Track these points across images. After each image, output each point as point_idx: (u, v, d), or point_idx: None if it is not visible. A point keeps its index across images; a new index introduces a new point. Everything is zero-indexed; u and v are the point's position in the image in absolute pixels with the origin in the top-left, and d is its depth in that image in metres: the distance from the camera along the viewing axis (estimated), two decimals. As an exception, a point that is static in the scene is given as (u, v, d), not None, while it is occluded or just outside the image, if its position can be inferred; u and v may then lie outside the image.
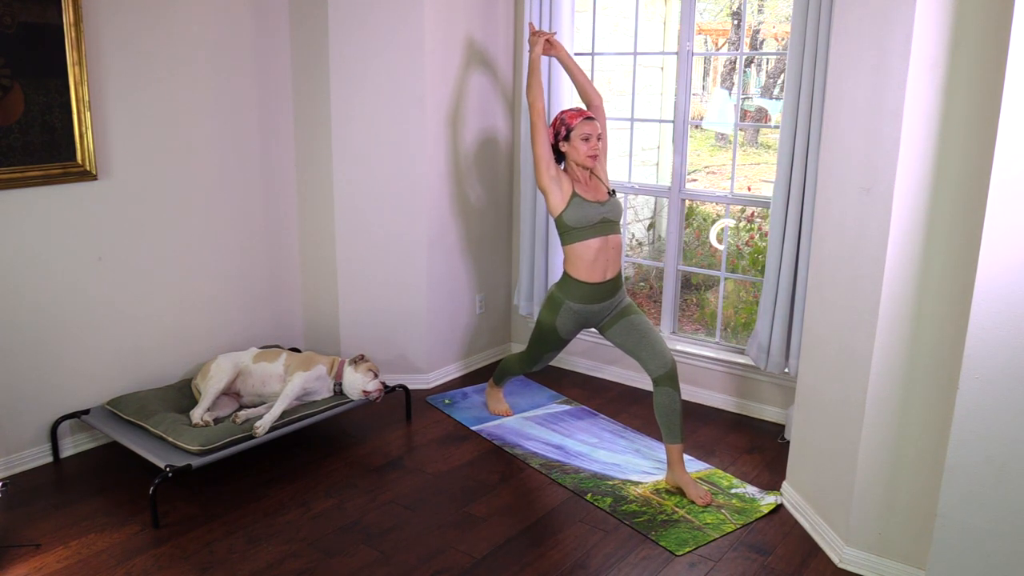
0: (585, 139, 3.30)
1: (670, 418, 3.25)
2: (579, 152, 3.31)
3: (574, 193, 3.32)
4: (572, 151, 3.34)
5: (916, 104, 2.40)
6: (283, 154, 4.13)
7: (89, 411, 3.46)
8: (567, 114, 3.36)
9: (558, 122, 3.36)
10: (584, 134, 3.30)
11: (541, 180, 3.35)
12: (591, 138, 3.31)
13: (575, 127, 3.31)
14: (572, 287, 3.37)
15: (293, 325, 4.35)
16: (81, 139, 3.30)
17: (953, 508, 2.36)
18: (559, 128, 3.35)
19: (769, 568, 2.81)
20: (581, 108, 3.40)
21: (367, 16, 3.89)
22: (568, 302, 3.38)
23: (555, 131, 3.36)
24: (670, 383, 3.26)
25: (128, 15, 3.40)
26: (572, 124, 3.31)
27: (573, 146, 3.32)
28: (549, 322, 3.46)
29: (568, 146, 3.34)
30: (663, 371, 3.27)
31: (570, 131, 3.31)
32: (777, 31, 9.07)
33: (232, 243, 3.97)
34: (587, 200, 3.31)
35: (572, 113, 3.35)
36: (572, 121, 3.32)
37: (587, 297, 3.36)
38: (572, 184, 3.34)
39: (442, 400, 4.15)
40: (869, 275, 2.61)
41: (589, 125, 3.32)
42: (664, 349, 3.33)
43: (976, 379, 2.26)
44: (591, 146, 3.31)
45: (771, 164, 8.00)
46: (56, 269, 3.34)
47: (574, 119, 3.32)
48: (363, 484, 3.33)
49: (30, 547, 2.84)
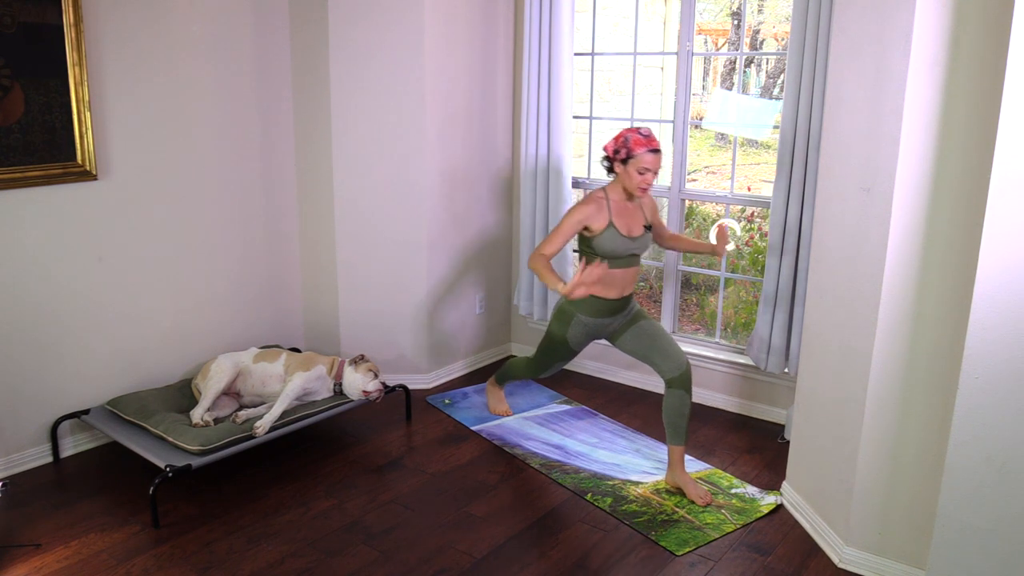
0: (642, 172, 3.11)
1: (677, 420, 3.24)
2: (632, 181, 3.14)
3: (611, 224, 3.18)
4: (625, 176, 3.16)
5: (916, 104, 2.40)
6: (283, 154, 4.13)
7: (89, 411, 3.46)
8: (633, 138, 3.11)
9: (621, 140, 3.14)
10: (643, 167, 3.10)
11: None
12: (648, 173, 3.11)
13: (637, 155, 3.10)
14: (583, 300, 3.28)
15: (293, 325, 4.35)
16: (81, 139, 3.30)
17: (953, 508, 2.36)
18: (620, 147, 3.14)
19: (769, 568, 2.81)
20: (650, 135, 3.13)
21: (367, 16, 3.89)
22: (579, 315, 3.33)
23: (615, 147, 3.16)
24: (683, 386, 3.23)
25: (128, 15, 3.40)
26: (635, 152, 3.10)
27: (628, 172, 3.14)
28: (560, 334, 3.41)
29: (623, 169, 3.16)
30: (677, 373, 3.24)
31: (631, 157, 3.11)
32: (777, 31, 9.07)
33: (232, 243, 3.97)
34: (621, 234, 3.19)
35: (639, 139, 3.10)
36: (636, 149, 3.10)
37: (598, 311, 3.31)
38: (610, 214, 3.19)
39: (442, 400, 4.15)
40: (869, 275, 2.61)
41: (652, 160, 3.10)
42: (677, 351, 3.29)
43: (976, 379, 2.26)
44: (645, 180, 3.12)
45: (771, 164, 8.00)
46: (56, 269, 3.34)
47: (639, 147, 3.09)
48: (363, 484, 3.33)
49: (30, 547, 2.84)
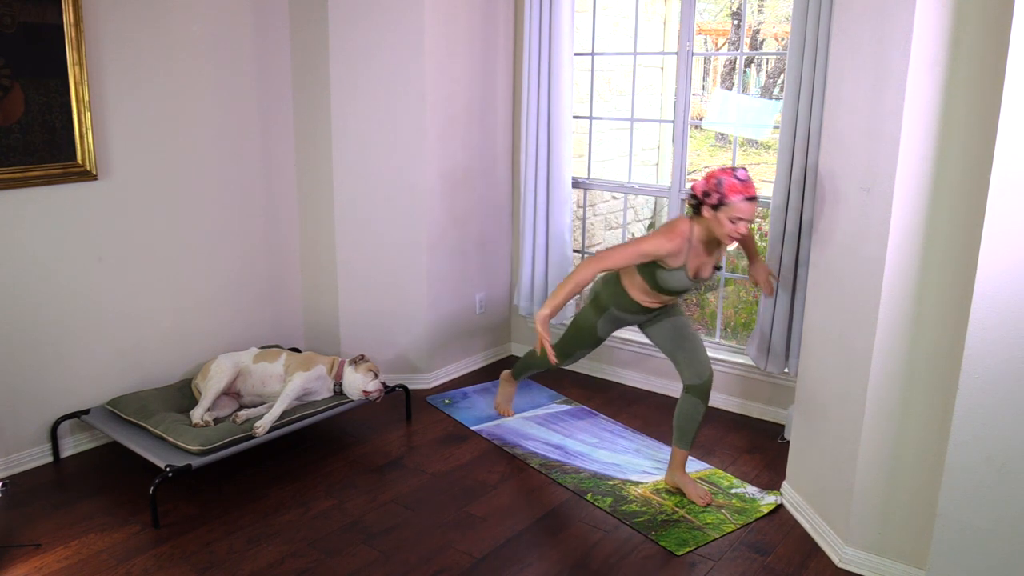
0: (734, 221, 2.87)
1: (688, 426, 3.21)
2: (722, 228, 2.90)
3: (683, 266, 3.01)
4: (715, 223, 2.91)
5: (916, 104, 2.40)
6: (283, 154, 4.13)
7: (89, 411, 3.46)
8: (728, 182, 2.85)
9: (713, 182, 2.87)
10: (736, 216, 2.86)
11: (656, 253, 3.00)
12: (741, 223, 2.87)
13: (731, 203, 2.84)
14: (623, 299, 3.20)
15: (293, 325, 4.35)
16: (81, 139, 3.30)
17: (953, 508, 2.36)
18: (712, 190, 2.87)
19: (769, 568, 2.81)
20: (747, 179, 2.87)
21: (367, 16, 3.89)
22: (613, 308, 3.27)
23: (706, 189, 2.89)
24: (700, 395, 3.19)
25: (128, 15, 3.40)
26: (729, 199, 2.84)
27: (718, 219, 2.89)
28: (590, 322, 3.35)
29: (712, 215, 2.90)
30: (698, 381, 3.19)
31: (723, 204, 2.86)
32: (777, 31, 9.08)
33: (232, 243, 3.97)
34: (688, 277, 3.03)
35: (734, 185, 2.84)
36: (730, 195, 2.84)
37: (635, 311, 3.25)
38: (687, 256, 2.99)
39: (442, 400, 4.15)
40: (869, 275, 2.61)
41: (747, 208, 2.85)
42: (704, 359, 3.21)
43: (976, 379, 2.26)
44: (738, 229, 2.88)
45: (771, 164, 8.00)
46: (56, 269, 3.34)
47: (734, 194, 2.84)
48: (363, 484, 3.33)
49: (30, 547, 2.84)
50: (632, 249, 3.00)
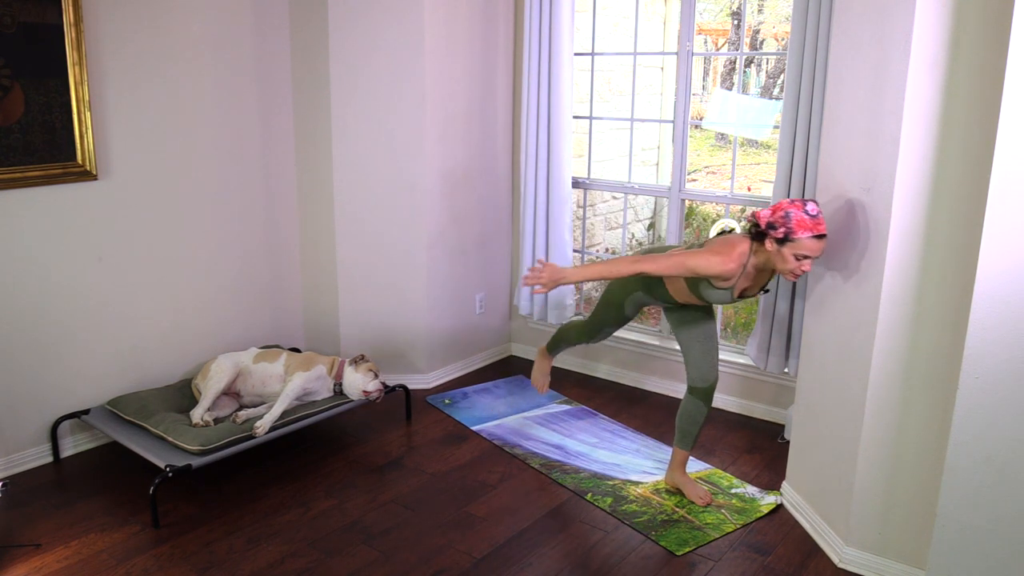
0: (800, 258, 2.69)
1: (689, 427, 3.21)
2: (786, 264, 2.72)
3: (732, 288, 2.90)
4: (778, 257, 2.73)
5: (916, 104, 2.40)
6: (283, 153, 4.13)
7: (89, 411, 3.46)
8: (797, 217, 2.66)
9: (781, 215, 2.69)
10: (803, 253, 2.67)
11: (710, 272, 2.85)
12: (807, 261, 2.69)
13: (799, 240, 2.66)
14: (657, 288, 3.12)
15: (293, 325, 4.35)
16: (81, 139, 3.30)
17: (953, 508, 2.36)
18: (778, 223, 2.69)
19: (769, 568, 2.81)
20: (818, 215, 2.67)
21: (367, 16, 3.89)
22: (642, 293, 3.19)
23: (772, 222, 2.71)
24: (703, 397, 3.17)
25: (128, 15, 3.40)
26: (797, 236, 2.66)
27: (782, 254, 2.71)
28: (618, 299, 3.26)
29: (775, 248, 2.72)
30: (701, 384, 3.16)
31: (790, 239, 2.67)
32: (777, 31, 9.08)
33: (232, 243, 3.97)
34: (732, 295, 2.93)
35: (804, 221, 2.65)
36: (799, 232, 2.65)
37: (665, 299, 3.17)
38: (738, 279, 2.86)
39: (442, 400, 4.15)
40: (869, 275, 2.61)
41: (816, 246, 2.67)
42: (714, 364, 3.17)
43: (976, 379, 2.26)
44: (802, 267, 2.70)
45: (771, 164, 8.00)
46: (56, 269, 3.34)
47: (803, 230, 2.65)
48: (363, 484, 3.33)
49: (30, 547, 2.84)
50: (677, 261, 2.85)
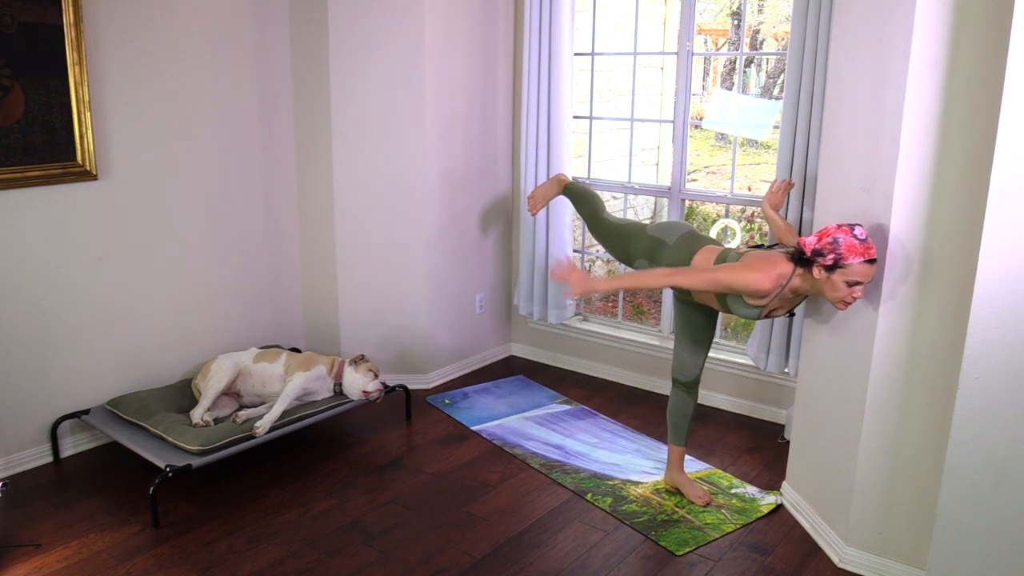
0: (851, 284, 2.54)
1: (679, 421, 3.22)
2: (836, 293, 2.57)
3: (763, 307, 2.77)
4: (827, 285, 2.58)
5: (916, 104, 2.40)
6: (283, 153, 4.13)
7: (89, 411, 3.46)
8: (846, 242, 2.51)
9: (829, 241, 2.54)
10: (854, 279, 2.53)
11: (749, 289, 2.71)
12: (859, 288, 2.54)
13: (850, 265, 2.51)
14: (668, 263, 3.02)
15: (293, 325, 4.35)
16: (81, 139, 3.30)
17: (953, 508, 2.36)
18: (827, 250, 2.54)
19: (769, 568, 2.81)
20: (867, 239, 2.52)
21: (367, 16, 3.89)
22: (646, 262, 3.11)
23: (820, 248, 2.57)
24: (685, 390, 3.19)
25: (128, 15, 3.40)
26: (847, 261, 2.51)
27: (832, 281, 2.56)
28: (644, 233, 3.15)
29: (825, 277, 2.58)
30: (682, 379, 3.18)
31: (840, 266, 2.53)
32: (777, 31, 9.08)
33: (232, 243, 3.97)
34: (759, 314, 2.81)
35: (854, 246, 2.50)
36: (849, 257, 2.51)
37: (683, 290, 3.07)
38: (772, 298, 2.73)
39: (442, 400, 4.15)
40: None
41: (867, 272, 2.52)
42: (700, 364, 3.14)
43: (976, 379, 2.26)
44: (854, 294, 2.55)
45: (771, 164, 8.00)
46: (56, 269, 3.34)
47: (853, 256, 2.50)
48: (363, 484, 3.33)
49: (30, 547, 2.84)
50: (710, 277, 2.74)
